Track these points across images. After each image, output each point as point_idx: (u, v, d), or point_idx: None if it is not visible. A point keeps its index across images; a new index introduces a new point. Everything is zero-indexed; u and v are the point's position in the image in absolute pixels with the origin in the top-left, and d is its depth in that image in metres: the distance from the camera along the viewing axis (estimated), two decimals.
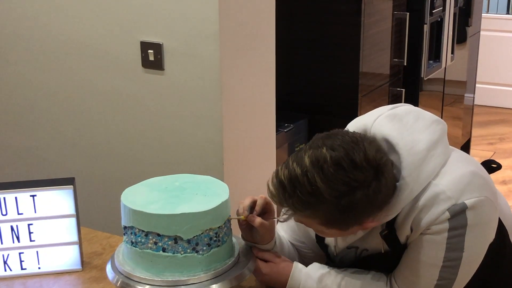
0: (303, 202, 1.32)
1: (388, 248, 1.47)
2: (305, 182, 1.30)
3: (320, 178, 1.29)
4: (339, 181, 1.29)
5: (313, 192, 1.30)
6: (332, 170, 1.29)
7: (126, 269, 1.49)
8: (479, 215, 1.38)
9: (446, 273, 1.40)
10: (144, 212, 1.43)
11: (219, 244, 1.47)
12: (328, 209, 1.32)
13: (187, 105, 2.15)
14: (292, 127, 2.90)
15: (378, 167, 1.32)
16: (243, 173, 2.26)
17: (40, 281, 1.69)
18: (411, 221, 1.40)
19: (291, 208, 1.35)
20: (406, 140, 1.39)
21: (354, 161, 1.30)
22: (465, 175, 1.39)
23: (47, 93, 2.41)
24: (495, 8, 5.90)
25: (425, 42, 3.46)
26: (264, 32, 2.24)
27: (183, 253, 1.44)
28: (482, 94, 5.67)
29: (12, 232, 1.68)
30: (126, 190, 1.54)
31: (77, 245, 1.72)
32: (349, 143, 1.32)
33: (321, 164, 1.30)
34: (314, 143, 1.35)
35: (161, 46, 2.12)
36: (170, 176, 1.61)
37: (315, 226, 1.41)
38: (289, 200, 1.33)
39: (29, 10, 2.34)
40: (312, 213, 1.34)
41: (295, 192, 1.31)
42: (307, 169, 1.30)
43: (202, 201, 1.46)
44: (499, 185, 4.32)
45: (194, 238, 1.43)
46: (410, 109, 1.47)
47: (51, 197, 1.67)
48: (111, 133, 2.33)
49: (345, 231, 1.40)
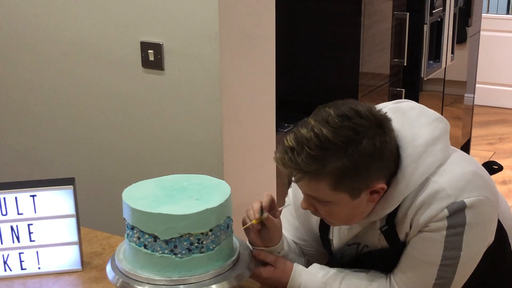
0: (312, 157, 1.32)
1: (387, 244, 1.47)
2: (312, 136, 1.32)
3: (326, 129, 1.32)
4: (345, 127, 1.32)
5: (320, 144, 1.32)
6: (337, 120, 1.33)
7: (123, 265, 1.51)
8: (478, 214, 1.38)
9: (444, 272, 1.41)
10: (129, 206, 1.46)
11: (203, 251, 1.45)
12: (337, 161, 1.32)
13: (187, 105, 2.15)
14: (292, 127, 2.90)
15: (381, 121, 1.35)
16: (243, 173, 2.26)
17: (40, 281, 1.69)
18: (411, 217, 1.40)
19: (300, 168, 1.34)
20: (407, 133, 1.40)
21: (358, 111, 1.34)
22: (465, 174, 1.40)
23: (47, 93, 2.41)
24: (495, 8, 5.90)
25: (425, 42, 3.46)
26: (264, 32, 2.24)
27: (161, 252, 1.45)
28: (482, 94, 5.67)
29: (12, 232, 1.68)
30: (136, 184, 1.57)
31: (77, 245, 1.72)
32: (350, 103, 1.37)
33: (326, 118, 1.33)
34: (315, 112, 1.39)
35: (161, 46, 2.12)
36: (184, 176, 1.62)
37: (326, 194, 1.38)
38: (298, 157, 1.33)
39: (29, 10, 2.34)
40: (321, 169, 1.33)
41: (303, 149, 1.32)
42: (313, 125, 1.34)
43: (189, 205, 1.45)
44: (499, 185, 4.32)
45: (172, 240, 1.43)
46: (414, 105, 1.49)
47: (51, 197, 1.67)
48: (111, 133, 2.33)
49: (355, 199, 1.38)
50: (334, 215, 1.44)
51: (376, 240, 1.49)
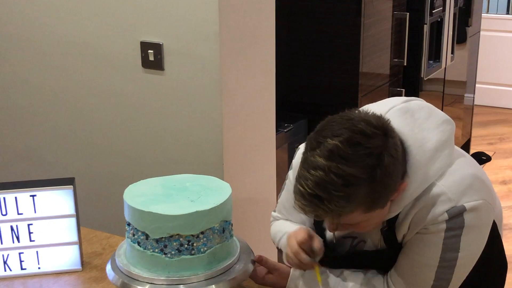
0: (343, 198, 1.25)
1: (385, 245, 1.47)
2: (334, 178, 1.24)
3: (345, 165, 1.24)
4: (363, 156, 1.25)
5: (346, 182, 1.24)
6: (350, 151, 1.24)
7: (123, 265, 1.52)
8: (476, 218, 1.38)
9: (442, 273, 1.41)
10: (126, 202, 1.48)
11: (193, 253, 1.45)
12: (368, 188, 1.26)
13: (187, 105, 2.15)
14: (292, 127, 2.90)
15: (384, 127, 1.30)
16: (243, 173, 2.26)
17: (40, 281, 1.69)
18: (410, 219, 1.40)
19: (334, 212, 1.27)
20: (416, 138, 1.37)
21: (363, 132, 1.26)
22: (466, 178, 1.39)
23: (47, 93, 2.41)
24: (495, 8, 5.90)
25: (425, 42, 3.46)
26: (264, 32, 2.24)
27: (152, 251, 1.45)
28: (482, 94, 5.67)
29: (12, 232, 1.68)
30: (142, 181, 1.59)
31: (77, 245, 1.72)
32: (344, 122, 1.29)
33: (337, 153, 1.25)
34: (312, 144, 1.30)
35: (161, 46, 2.12)
36: (191, 176, 1.63)
37: (359, 218, 1.34)
38: (329, 205, 1.26)
39: (29, 10, 2.34)
40: (355, 203, 1.27)
41: (330, 193, 1.25)
42: (327, 166, 1.24)
43: (181, 206, 1.46)
44: (499, 185, 4.32)
45: (162, 239, 1.43)
46: (422, 105, 1.46)
47: (51, 197, 1.67)
48: (111, 133, 2.33)
49: (384, 208, 1.35)
50: (365, 227, 1.41)
51: (377, 240, 1.48)
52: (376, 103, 1.51)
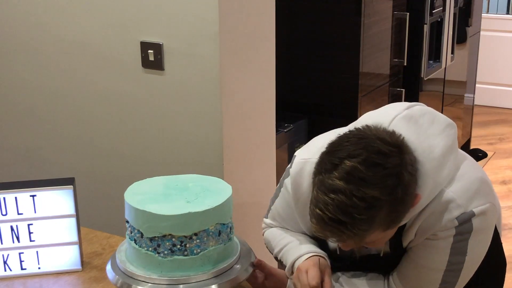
0: (366, 221, 1.22)
1: (389, 250, 1.46)
2: (356, 201, 1.21)
3: (366, 187, 1.21)
4: (384, 177, 1.22)
5: (369, 205, 1.21)
6: (371, 173, 1.21)
7: (124, 265, 1.52)
8: (484, 221, 1.38)
9: (449, 276, 1.40)
10: (125, 200, 1.50)
11: (186, 254, 1.45)
12: (390, 208, 1.24)
13: (187, 105, 2.15)
14: (292, 127, 2.90)
15: (398, 144, 1.28)
16: (243, 173, 2.26)
17: (40, 281, 1.69)
18: (418, 225, 1.38)
19: (358, 235, 1.24)
20: (423, 146, 1.34)
21: (380, 151, 1.24)
22: (474, 183, 1.38)
23: (47, 93, 2.41)
24: (495, 8, 5.90)
25: (425, 42, 3.46)
26: (264, 32, 2.24)
27: (146, 249, 1.46)
28: (482, 94, 5.67)
29: (12, 232, 1.68)
30: (147, 179, 1.61)
31: (77, 245, 1.72)
32: (359, 142, 1.26)
33: (356, 175, 1.21)
34: (327, 165, 1.25)
35: (161, 46, 2.12)
36: (196, 176, 1.63)
37: (376, 237, 1.31)
38: (352, 229, 1.23)
39: (29, 10, 2.34)
40: (377, 224, 1.25)
41: (353, 217, 1.21)
42: (348, 189, 1.21)
43: (176, 206, 1.46)
44: (499, 185, 4.32)
45: (155, 238, 1.44)
46: (424, 110, 1.43)
47: (51, 197, 1.67)
48: (111, 133, 2.33)
49: (400, 222, 1.32)
50: (379, 244, 1.39)
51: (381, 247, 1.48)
52: (377, 111, 1.47)
